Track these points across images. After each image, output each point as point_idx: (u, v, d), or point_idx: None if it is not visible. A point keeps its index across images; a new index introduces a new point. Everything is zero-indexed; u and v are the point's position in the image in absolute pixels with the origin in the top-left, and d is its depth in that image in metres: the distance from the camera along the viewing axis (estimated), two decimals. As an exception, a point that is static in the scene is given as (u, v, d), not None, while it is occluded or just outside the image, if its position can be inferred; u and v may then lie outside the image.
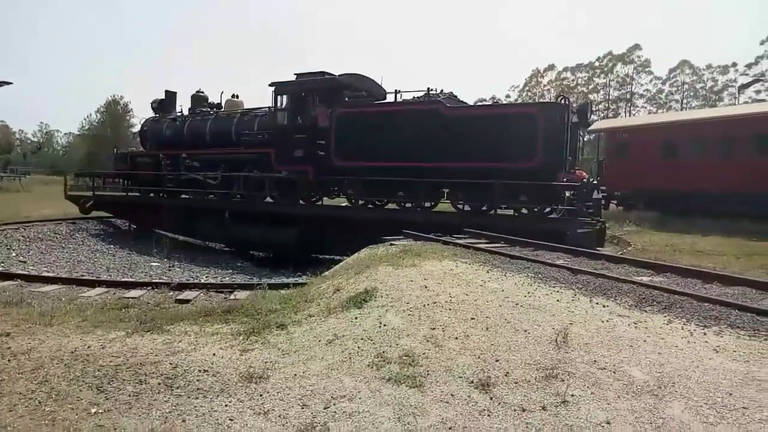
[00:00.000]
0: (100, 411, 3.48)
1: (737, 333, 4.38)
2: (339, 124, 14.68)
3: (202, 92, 20.24)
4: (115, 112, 58.78)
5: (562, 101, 12.76)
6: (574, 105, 14.22)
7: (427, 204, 14.24)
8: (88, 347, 4.64)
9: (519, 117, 12.99)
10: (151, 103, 20.33)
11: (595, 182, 14.64)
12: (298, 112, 15.44)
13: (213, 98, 20.10)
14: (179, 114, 19.64)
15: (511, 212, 13.32)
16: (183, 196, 18.45)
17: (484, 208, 13.25)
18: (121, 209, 20.17)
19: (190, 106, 19.87)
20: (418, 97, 14.45)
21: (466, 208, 13.59)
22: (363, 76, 15.97)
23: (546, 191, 12.36)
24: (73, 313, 6.28)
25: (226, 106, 18.96)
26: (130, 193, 20.18)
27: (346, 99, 15.15)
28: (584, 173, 14.40)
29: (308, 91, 15.40)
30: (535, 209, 13.07)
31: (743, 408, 3.20)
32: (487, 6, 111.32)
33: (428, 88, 14.48)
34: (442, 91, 14.57)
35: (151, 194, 19.39)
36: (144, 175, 19.28)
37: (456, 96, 14.79)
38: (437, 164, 13.17)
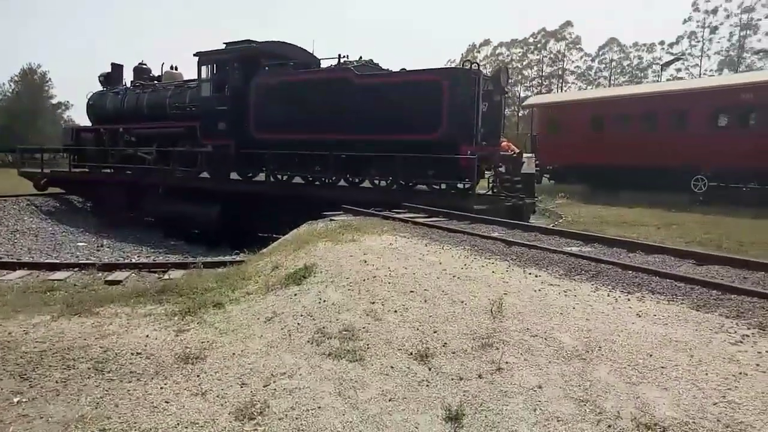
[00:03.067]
0: (24, 400, 3.31)
1: (657, 298, 4.66)
2: (256, 95, 14.20)
3: (145, 64, 19.58)
4: (31, 82, 54.67)
5: (470, 66, 11.85)
6: (488, 71, 13.75)
7: (353, 179, 13.81)
8: (9, 333, 4.38)
9: (423, 84, 11.76)
10: (99, 77, 19.74)
11: (527, 156, 14.75)
12: (220, 83, 14.91)
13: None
14: (122, 87, 18.93)
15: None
16: (127, 172, 17.96)
17: (394, 186, 12.55)
18: (73, 186, 19.59)
19: (132, 79, 19.19)
20: (333, 66, 13.80)
21: (382, 183, 13.17)
22: (287, 43, 15.37)
23: (451, 165, 11.43)
24: (-9, 297, 5.90)
25: (164, 78, 18.25)
26: (76, 170, 19.62)
27: (266, 68, 14.49)
28: (512, 145, 14.12)
29: (228, 61, 14.83)
30: (442, 185, 12.21)
31: (661, 368, 3.43)
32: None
33: (339, 55, 13.83)
34: (360, 58, 13.77)
35: (103, 170, 18.92)
36: (88, 150, 18.97)
37: (376, 64, 13.90)
38: (347, 137, 12.55)
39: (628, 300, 4.63)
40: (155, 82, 18.41)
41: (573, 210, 15.66)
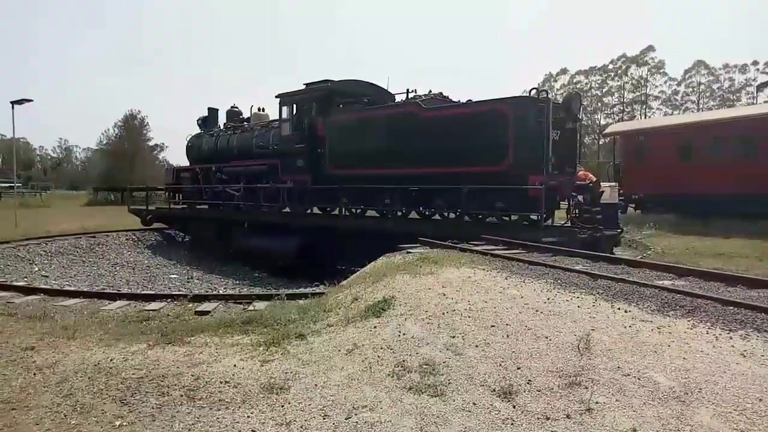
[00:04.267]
0: (125, 423, 3.51)
1: (765, 337, 4.28)
2: (330, 132, 14.65)
3: (236, 107, 21.11)
4: (132, 126, 59.66)
5: (539, 95, 11.44)
6: (558, 98, 13.32)
7: (425, 211, 13.67)
8: (111, 360, 4.69)
9: (488, 115, 11.62)
10: (197, 120, 21.55)
11: (609, 186, 14.05)
12: (298, 123, 15.59)
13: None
14: (217, 129, 20.46)
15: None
16: (220, 208, 19.21)
17: (465, 218, 12.25)
18: (174, 221, 21.29)
19: (225, 121, 20.75)
20: (402, 101, 13.98)
21: (451, 215, 12.94)
22: (361, 81, 15.83)
23: (519, 196, 11.11)
24: (95, 326, 6.37)
25: (252, 119, 19.46)
26: (175, 206, 21.61)
27: (340, 106, 14.98)
28: (589, 174, 13.41)
29: (305, 101, 15.52)
30: (510, 216, 11.95)
31: (774, 414, 3.13)
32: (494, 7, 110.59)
33: (407, 90, 13.98)
34: (430, 91, 13.82)
35: (198, 206, 20.59)
36: (186, 188, 20.96)
37: (446, 96, 13.86)
38: (414, 170, 12.60)
39: (731, 338, 4.28)
40: (245, 123, 19.57)
41: (662, 241, 14.79)
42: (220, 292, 12.06)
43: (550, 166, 11.21)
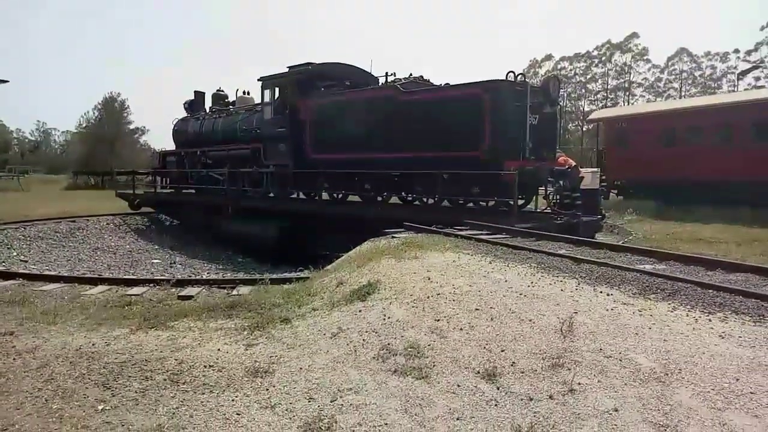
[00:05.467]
0: (108, 408, 3.47)
1: (742, 319, 4.37)
2: (310, 116, 14.49)
3: (222, 91, 20.96)
4: (112, 109, 58.55)
5: (515, 78, 11.19)
6: (536, 82, 13.13)
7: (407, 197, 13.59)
8: (93, 345, 4.64)
9: (465, 99, 11.40)
10: (184, 104, 21.36)
11: (590, 171, 13.90)
12: (280, 106, 15.41)
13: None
14: (203, 113, 20.29)
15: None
16: (202, 192, 19.20)
17: (443, 203, 12.34)
18: (161, 206, 21.17)
19: (210, 105, 20.57)
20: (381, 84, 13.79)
21: (430, 201, 12.90)
22: (343, 63, 15.60)
23: (494, 181, 10.91)
24: (76, 311, 6.28)
25: (237, 103, 19.26)
26: (162, 190, 21.68)
27: (321, 89, 14.75)
28: (569, 159, 13.21)
29: (286, 84, 15.32)
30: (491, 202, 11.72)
31: (751, 393, 3.20)
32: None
33: (386, 73, 13.82)
34: (410, 74, 13.54)
35: (185, 191, 20.54)
36: (172, 172, 20.99)
37: (427, 80, 13.59)
38: (393, 155, 12.36)
39: (710, 321, 4.36)
40: (230, 107, 19.35)
41: (643, 227, 14.99)
42: (204, 276, 11.98)
43: (528, 151, 11.07)
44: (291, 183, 15.69)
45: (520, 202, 12.51)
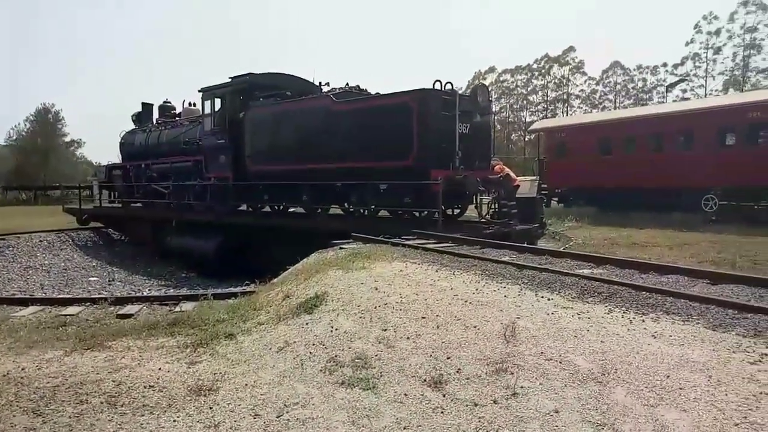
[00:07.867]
0: (38, 435, 3.29)
1: (672, 319, 4.60)
2: (249, 127, 14.29)
3: (169, 102, 20.62)
4: (45, 121, 55.81)
5: (443, 87, 11.04)
6: (465, 90, 13.06)
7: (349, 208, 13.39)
8: (22, 369, 4.39)
9: (394, 108, 11.23)
10: (131, 116, 20.83)
11: (530, 180, 14.20)
12: (220, 118, 15.15)
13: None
14: (150, 125, 19.74)
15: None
16: (145, 206, 18.84)
17: (378, 214, 12.31)
18: (108, 220, 20.56)
19: (157, 116, 20.10)
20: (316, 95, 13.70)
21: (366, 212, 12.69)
22: (284, 73, 15.40)
23: (424, 192, 10.78)
24: (4, 334, 5.93)
25: (183, 114, 18.78)
26: (107, 204, 21.23)
27: (260, 99, 14.53)
28: (505, 168, 13.13)
29: (226, 95, 15.11)
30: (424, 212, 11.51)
31: (680, 389, 3.37)
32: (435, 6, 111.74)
33: (320, 82, 13.74)
34: (347, 84, 13.44)
35: (132, 205, 20.12)
36: (117, 186, 20.59)
37: (364, 90, 13.42)
38: (327, 165, 12.21)
39: (643, 321, 4.56)
40: (177, 119, 18.88)
41: (583, 233, 15.57)
42: (145, 293, 11.56)
43: (458, 160, 10.99)
44: (232, 195, 15.37)
45: (457, 211, 12.72)
